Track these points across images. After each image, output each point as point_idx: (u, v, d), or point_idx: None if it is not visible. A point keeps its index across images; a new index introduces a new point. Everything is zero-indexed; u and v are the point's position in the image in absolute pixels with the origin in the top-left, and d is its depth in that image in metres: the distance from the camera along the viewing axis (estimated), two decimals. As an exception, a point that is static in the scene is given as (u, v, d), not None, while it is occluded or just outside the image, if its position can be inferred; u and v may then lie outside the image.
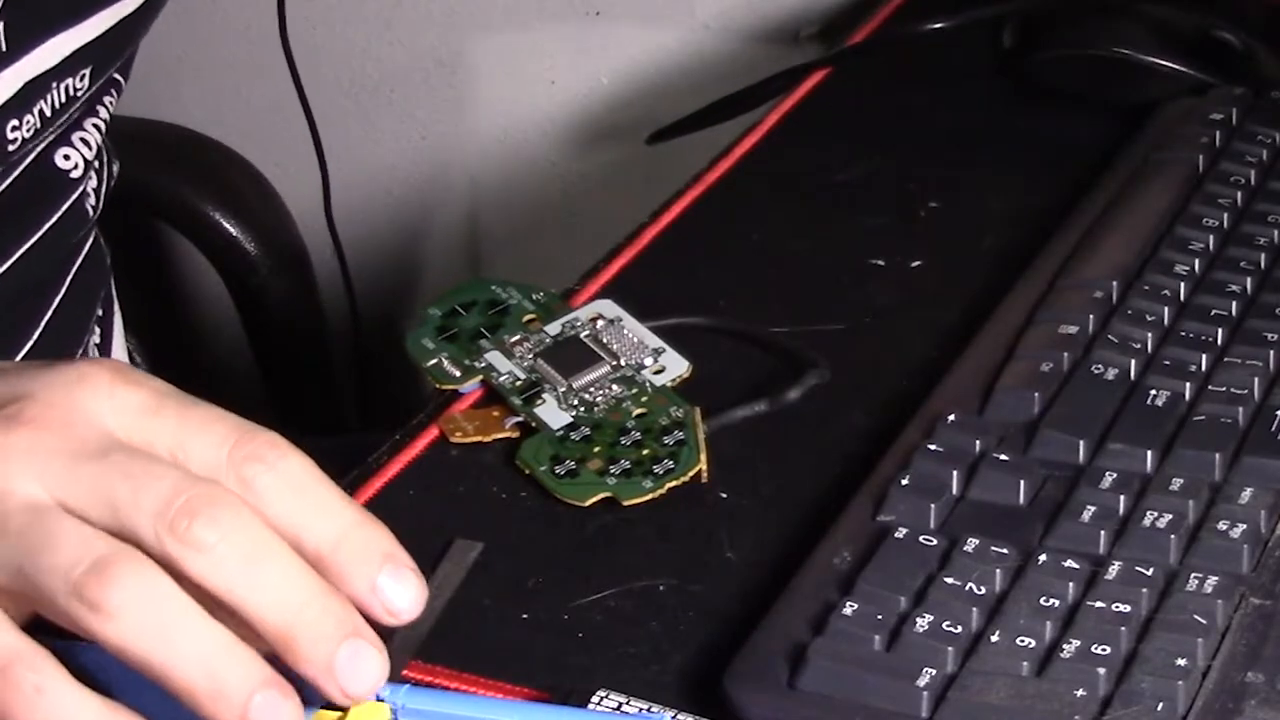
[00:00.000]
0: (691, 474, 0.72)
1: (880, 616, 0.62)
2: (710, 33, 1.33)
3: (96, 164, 0.87)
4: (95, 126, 0.86)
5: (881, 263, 0.86)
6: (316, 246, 1.31)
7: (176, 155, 1.27)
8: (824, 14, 1.27)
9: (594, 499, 0.71)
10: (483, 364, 0.78)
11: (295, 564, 0.54)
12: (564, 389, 0.76)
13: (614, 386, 0.76)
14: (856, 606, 0.62)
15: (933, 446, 0.70)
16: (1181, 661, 0.60)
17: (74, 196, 0.85)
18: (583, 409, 0.75)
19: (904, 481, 0.68)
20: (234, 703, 0.52)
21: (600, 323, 0.79)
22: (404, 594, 0.55)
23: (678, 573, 0.69)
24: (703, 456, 0.72)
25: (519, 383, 0.76)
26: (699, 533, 0.71)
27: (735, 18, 1.32)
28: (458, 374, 0.77)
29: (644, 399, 0.75)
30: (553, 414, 0.75)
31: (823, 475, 0.73)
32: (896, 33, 1.05)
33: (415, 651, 0.64)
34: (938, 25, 0.98)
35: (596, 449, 0.73)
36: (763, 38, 1.31)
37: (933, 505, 0.67)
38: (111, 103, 0.87)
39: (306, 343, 1.30)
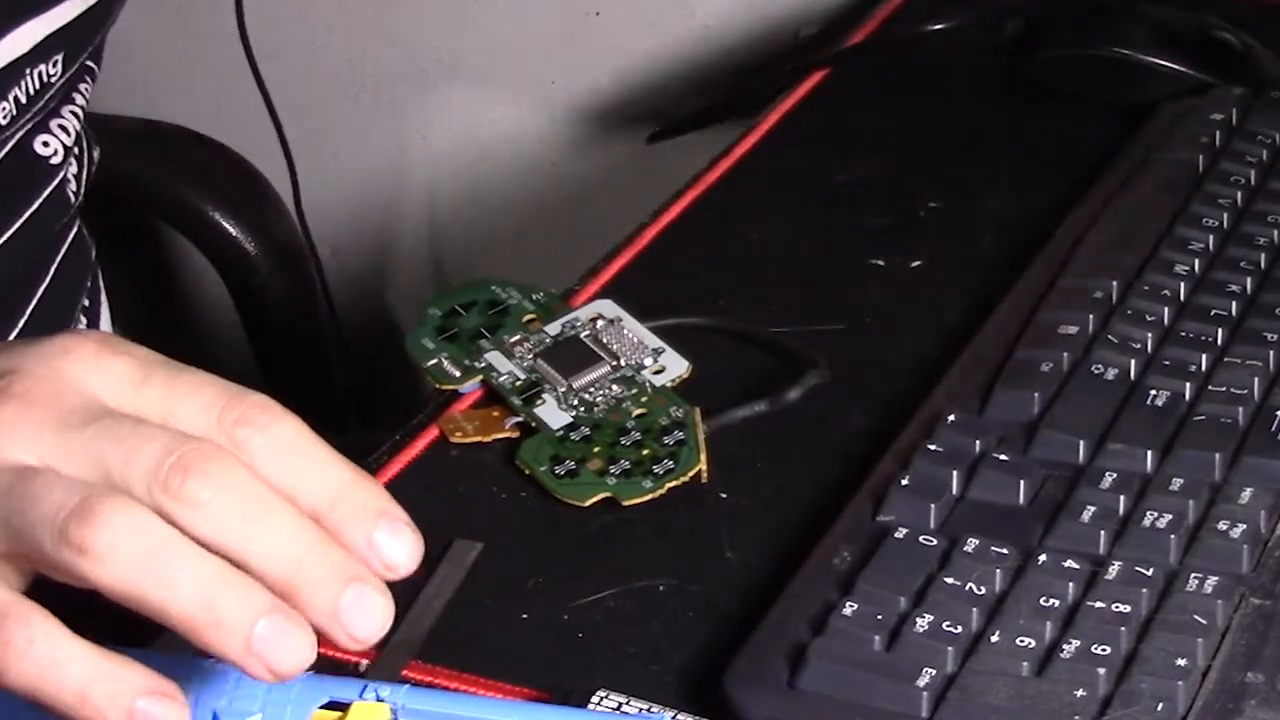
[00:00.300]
0: (691, 474, 0.72)
1: (880, 616, 0.62)
2: (710, 33, 1.33)
3: (76, 150, 0.87)
4: (73, 114, 0.86)
5: (881, 263, 0.86)
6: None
7: (176, 155, 1.27)
8: (824, 14, 1.27)
9: (594, 499, 0.71)
10: (483, 364, 0.77)
11: (292, 515, 0.53)
12: (564, 389, 0.76)
13: (614, 386, 0.76)
14: (856, 606, 0.62)
15: (933, 446, 0.70)
16: (1181, 661, 0.60)
17: (55, 183, 0.85)
18: (583, 409, 0.75)
19: (904, 481, 0.68)
20: (237, 631, 0.51)
21: (600, 323, 0.79)
22: (400, 549, 0.53)
23: (678, 573, 0.69)
24: (703, 456, 0.72)
25: (519, 383, 0.76)
26: (699, 533, 0.71)
27: (735, 18, 1.32)
28: (458, 374, 0.77)
29: (644, 399, 0.75)
30: (553, 414, 0.75)
31: (823, 475, 0.73)
32: (896, 33, 1.05)
33: (415, 651, 0.64)
34: (938, 25, 0.99)
35: (596, 449, 0.73)
36: (763, 38, 1.31)
37: (933, 505, 0.67)
38: (87, 90, 0.87)
39: (306, 342, 1.29)
